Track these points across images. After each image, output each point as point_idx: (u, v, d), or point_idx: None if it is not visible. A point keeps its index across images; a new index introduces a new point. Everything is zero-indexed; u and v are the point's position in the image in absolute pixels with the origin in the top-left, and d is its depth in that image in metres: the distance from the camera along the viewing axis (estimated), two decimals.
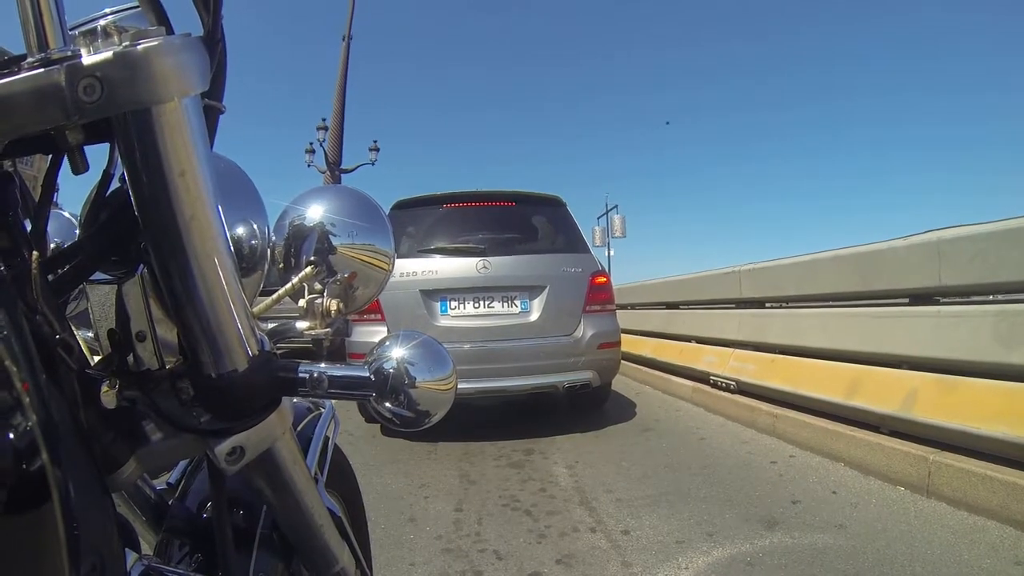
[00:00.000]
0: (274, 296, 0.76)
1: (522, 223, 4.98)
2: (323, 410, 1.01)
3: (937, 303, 3.42)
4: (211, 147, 0.51)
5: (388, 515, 2.82)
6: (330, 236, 0.79)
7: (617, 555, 2.37)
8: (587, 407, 5.04)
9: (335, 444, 1.02)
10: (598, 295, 4.53)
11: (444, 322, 4.24)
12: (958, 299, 3.37)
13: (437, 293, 4.28)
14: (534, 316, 4.32)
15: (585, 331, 4.39)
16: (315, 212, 0.80)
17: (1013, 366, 2.76)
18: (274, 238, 0.77)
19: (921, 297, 3.51)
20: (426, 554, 2.42)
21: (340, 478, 1.07)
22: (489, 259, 4.33)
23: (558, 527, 2.66)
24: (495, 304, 4.32)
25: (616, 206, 26.57)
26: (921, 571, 2.14)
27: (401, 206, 4.86)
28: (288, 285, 0.76)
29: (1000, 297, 3.12)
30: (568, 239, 4.84)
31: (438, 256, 4.42)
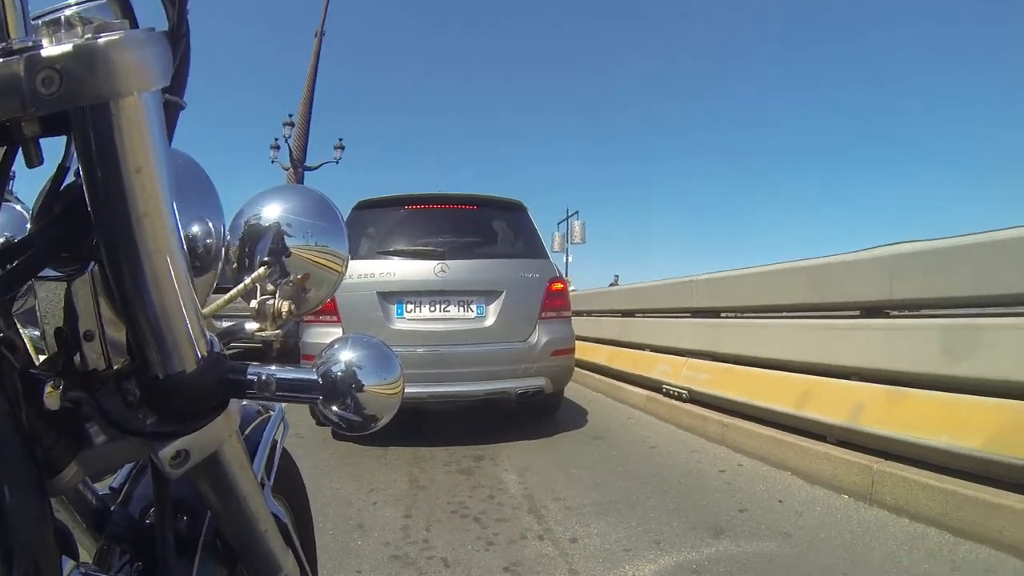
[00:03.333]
0: (225, 296, 0.74)
1: (482, 227, 4.96)
2: (272, 413, 1.00)
3: (888, 316, 3.53)
4: (170, 143, 0.50)
5: (336, 521, 2.79)
6: (285, 236, 0.77)
7: (565, 563, 2.38)
8: (539, 414, 5.02)
9: (283, 448, 1.01)
10: (554, 301, 4.52)
11: (400, 325, 4.20)
12: (908, 312, 3.48)
13: (394, 295, 4.24)
14: (489, 321, 4.29)
15: (540, 337, 4.37)
16: (271, 212, 0.78)
17: (958, 378, 2.86)
18: (229, 237, 0.75)
19: (872, 310, 3.61)
20: (373, 561, 2.39)
21: (287, 483, 1.05)
22: (447, 263, 4.29)
23: (506, 534, 2.65)
24: (451, 308, 4.28)
25: (576, 212, 26.68)
26: None
27: (362, 207, 4.79)
28: (240, 285, 0.74)
29: (948, 311, 3.23)
30: (527, 244, 4.82)
31: (397, 258, 4.38)
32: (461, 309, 4.30)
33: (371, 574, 2.29)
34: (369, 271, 4.24)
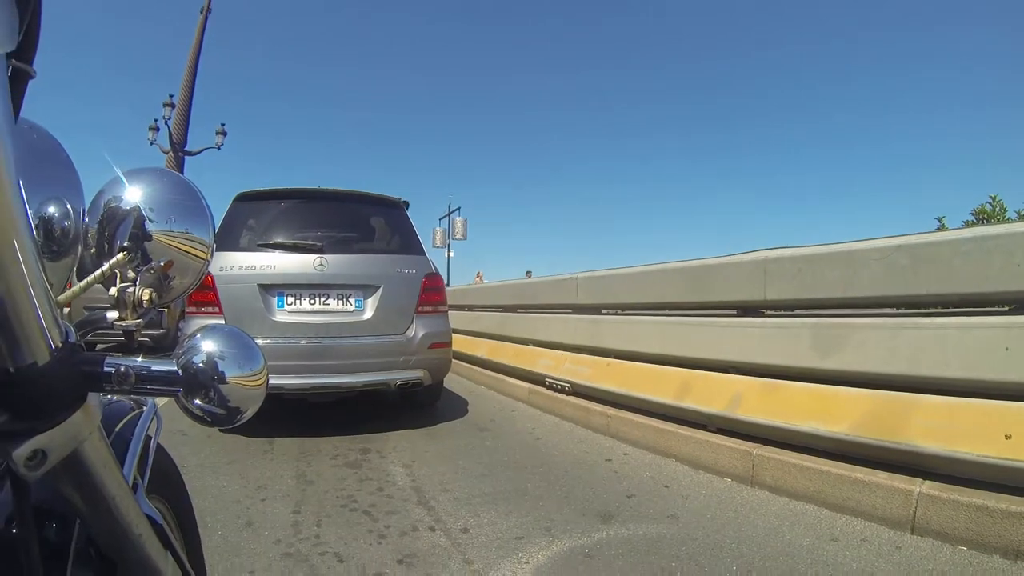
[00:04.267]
0: (81, 284, 0.70)
1: (361, 223, 5.08)
2: (144, 408, 0.95)
3: (762, 315, 3.75)
4: (17, 115, 0.45)
5: (224, 520, 2.64)
6: (146, 221, 0.75)
7: (458, 552, 2.37)
8: (420, 405, 5.19)
9: (158, 444, 0.96)
10: (431, 296, 4.70)
11: (281, 317, 4.24)
12: (782, 312, 3.71)
13: (275, 288, 4.27)
14: (368, 315, 4.41)
15: (417, 331, 4.53)
16: (132, 195, 0.75)
17: (825, 371, 3.10)
18: (87, 220, 0.72)
19: (748, 309, 3.82)
20: (265, 560, 2.29)
21: (164, 482, 1.01)
22: (326, 257, 4.41)
23: (398, 527, 2.63)
24: (331, 301, 4.37)
25: (459, 208, 26.71)
26: (748, 552, 2.32)
27: (243, 198, 4.78)
28: (98, 272, 0.71)
29: (817, 311, 3.47)
30: (404, 240, 4.97)
31: (277, 251, 4.41)
32: (340, 302, 4.40)
33: (263, 573, 2.20)
34: (250, 263, 4.29)
